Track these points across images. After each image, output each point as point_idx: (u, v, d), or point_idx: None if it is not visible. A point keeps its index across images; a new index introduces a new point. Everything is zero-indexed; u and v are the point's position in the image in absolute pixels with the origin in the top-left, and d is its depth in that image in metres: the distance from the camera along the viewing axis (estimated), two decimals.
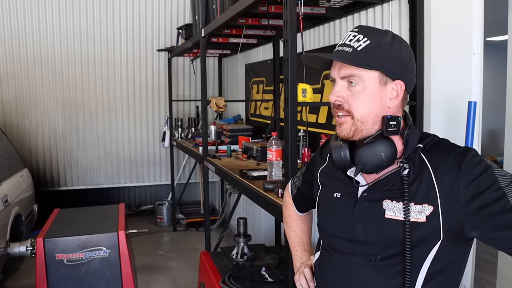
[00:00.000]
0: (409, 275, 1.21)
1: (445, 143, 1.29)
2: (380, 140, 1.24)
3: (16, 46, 6.02)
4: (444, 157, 1.22)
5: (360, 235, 1.30)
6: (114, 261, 3.72)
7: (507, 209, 1.08)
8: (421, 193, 1.21)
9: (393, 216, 1.24)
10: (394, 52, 1.26)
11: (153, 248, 5.54)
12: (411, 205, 1.21)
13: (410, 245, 1.20)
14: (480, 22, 2.29)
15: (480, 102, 2.30)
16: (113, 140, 6.57)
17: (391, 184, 1.27)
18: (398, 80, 1.27)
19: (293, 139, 2.04)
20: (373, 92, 1.25)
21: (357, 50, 1.24)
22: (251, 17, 3.39)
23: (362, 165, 1.26)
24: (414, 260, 1.21)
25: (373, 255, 1.27)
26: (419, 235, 1.20)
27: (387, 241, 1.25)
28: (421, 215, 1.20)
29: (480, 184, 1.14)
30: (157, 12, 6.40)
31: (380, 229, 1.26)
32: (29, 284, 4.41)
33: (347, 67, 1.26)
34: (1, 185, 4.31)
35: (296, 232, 1.73)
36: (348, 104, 1.26)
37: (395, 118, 1.25)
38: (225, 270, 2.90)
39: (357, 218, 1.31)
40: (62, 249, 3.63)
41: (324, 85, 3.32)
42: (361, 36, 1.26)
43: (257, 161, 3.50)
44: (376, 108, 1.26)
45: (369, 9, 2.81)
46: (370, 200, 1.30)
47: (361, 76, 1.24)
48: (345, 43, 1.28)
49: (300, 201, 1.70)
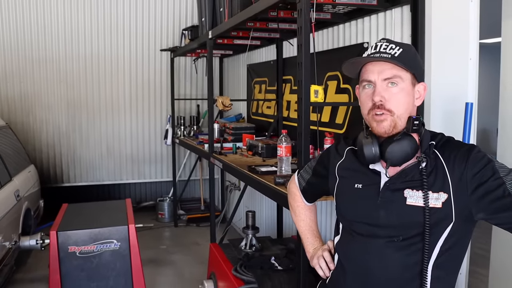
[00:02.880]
0: (428, 252, 1.43)
1: (455, 141, 1.53)
2: (406, 137, 1.46)
3: (22, 45, 6.15)
4: (455, 153, 1.45)
5: (383, 220, 1.51)
6: (124, 253, 3.88)
7: (506, 195, 1.32)
8: (437, 183, 1.44)
9: (414, 203, 1.46)
10: (417, 60, 1.52)
11: (156, 242, 5.70)
12: (429, 193, 1.43)
13: (430, 227, 1.42)
14: (476, 29, 2.49)
15: (476, 103, 2.50)
16: (116, 137, 6.72)
17: (411, 176, 1.48)
18: (422, 82, 1.52)
19: (306, 136, 2.20)
20: (408, 91, 1.48)
21: (395, 56, 1.46)
22: (259, 21, 3.55)
23: (391, 159, 1.46)
24: (432, 239, 1.43)
25: (395, 237, 1.49)
26: (436, 219, 1.43)
27: (409, 224, 1.47)
28: (438, 202, 1.43)
29: (484, 175, 1.37)
30: (160, 12, 6.54)
31: (402, 214, 1.48)
32: (38, 277, 4.55)
33: (391, 69, 1.46)
34: (13, 180, 4.45)
35: (305, 221, 1.94)
36: (389, 103, 1.46)
37: (418, 118, 1.48)
38: (235, 260, 3.06)
39: (380, 205, 1.52)
40: (75, 242, 3.78)
41: (328, 85, 3.50)
42: (393, 45, 1.48)
43: (263, 157, 3.66)
44: (409, 106, 1.49)
45: (372, 15, 2.99)
46: (392, 190, 1.51)
47: (402, 76, 1.46)
48: (381, 51, 1.48)
49: (309, 193, 1.90)
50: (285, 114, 4.48)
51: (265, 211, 5.07)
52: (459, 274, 2.59)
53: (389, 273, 1.50)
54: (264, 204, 5.10)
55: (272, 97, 4.80)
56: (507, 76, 2.64)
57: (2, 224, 3.69)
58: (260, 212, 5.10)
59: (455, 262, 1.52)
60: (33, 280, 4.50)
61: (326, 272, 1.77)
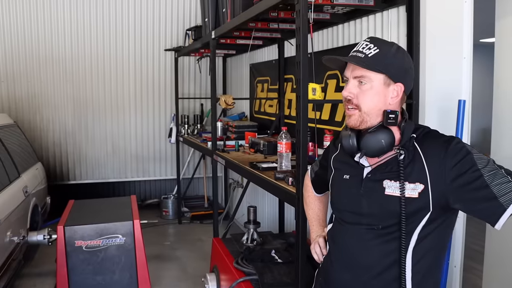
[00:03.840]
0: (404, 240, 1.51)
1: (434, 133, 1.59)
2: (381, 129, 1.55)
3: (29, 46, 6.27)
4: (433, 145, 1.52)
5: (365, 209, 1.60)
6: (129, 248, 3.98)
7: (483, 187, 1.39)
8: (415, 174, 1.51)
9: (391, 193, 1.53)
10: (397, 60, 1.56)
11: (160, 239, 5.80)
12: (406, 184, 1.51)
13: (406, 216, 1.50)
14: (469, 29, 2.57)
15: (469, 101, 2.59)
16: (121, 136, 6.83)
17: (390, 167, 1.57)
18: (399, 83, 1.57)
19: (305, 132, 2.28)
20: (378, 91, 1.55)
21: (368, 56, 1.54)
22: (260, 21, 3.65)
23: (366, 149, 1.56)
24: (408, 228, 1.51)
25: (375, 225, 1.58)
26: (413, 208, 1.50)
27: (387, 213, 1.55)
28: (414, 192, 1.49)
29: (462, 166, 1.43)
30: (164, 13, 6.64)
31: (381, 204, 1.56)
32: (45, 271, 4.65)
33: (359, 69, 1.56)
34: (21, 177, 4.56)
35: (313, 210, 2.05)
36: (357, 99, 1.57)
37: (393, 112, 1.55)
38: (237, 253, 3.15)
39: (363, 195, 1.61)
40: (81, 236, 3.88)
41: (328, 84, 3.59)
42: (372, 45, 1.56)
43: (264, 154, 3.76)
44: (379, 104, 1.56)
45: (370, 16, 3.08)
46: (373, 180, 1.60)
47: (370, 77, 1.55)
48: (359, 50, 1.58)
49: (317, 184, 2.01)
50: (287, 113, 4.57)
51: (267, 208, 5.16)
52: (454, 268, 2.71)
53: (370, 260, 1.59)
54: (266, 201, 5.19)
55: (274, 96, 4.89)
56: (501, 75, 2.73)
57: (11, 219, 3.79)
58: (263, 208, 5.19)
59: (435, 251, 1.58)
60: (40, 274, 4.62)
61: (320, 257, 1.88)
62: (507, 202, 1.35)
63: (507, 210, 1.36)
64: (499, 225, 1.38)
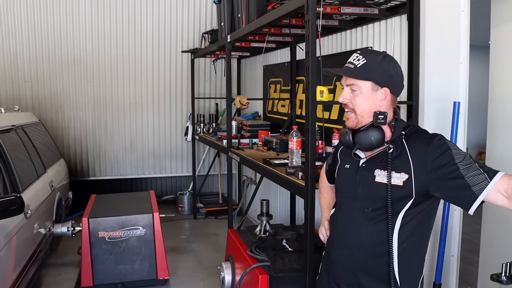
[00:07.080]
0: (391, 221, 1.77)
1: (420, 131, 1.85)
2: (371, 128, 1.82)
3: (52, 47, 6.57)
4: (418, 140, 1.78)
5: (359, 193, 1.88)
6: (149, 239, 4.24)
7: (459, 178, 1.63)
8: (400, 165, 1.77)
9: (380, 180, 1.81)
10: (382, 68, 1.82)
11: (176, 233, 6.05)
12: (392, 173, 1.78)
13: (392, 200, 1.76)
14: (466, 36, 2.77)
15: (465, 102, 2.79)
16: (139, 134, 7.10)
17: (381, 159, 1.84)
18: (385, 87, 1.82)
19: (313, 131, 2.50)
20: (367, 96, 1.82)
21: (357, 67, 1.82)
22: (273, 27, 3.88)
23: (359, 144, 1.84)
24: (394, 211, 1.77)
25: (366, 208, 1.85)
26: (397, 194, 1.76)
27: (376, 197, 1.82)
28: (399, 180, 1.76)
29: (442, 160, 1.68)
30: (181, 17, 6.91)
31: (372, 189, 1.83)
32: (69, 261, 4.94)
33: (350, 79, 1.84)
34: (47, 172, 4.83)
35: (326, 198, 2.33)
36: (352, 104, 1.85)
37: (382, 113, 1.81)
38: (250, 243, 3.37)
39: (358, 182, 1.89)
40: (104, 228, 4.15)
41: (336, 86, 3.80)
42: (361, 57, 1.83)
43: (277, 152, 3.98)
44: (370, 107, 1.82)
45: (375, 23, 3.31)
46: (367, 169, 1.87)
47: (358, 85, 1.82)
48: (350, 61, 1.85)
49: (330, 174, 2.26)
50: (298, 112, 4.80)
51: (279, 202, 5.39)
52: (451, 257, 2.91)
53: (362, 239, 1.86)
54: (278, 197, 5.42)
55: (286, 96, 5.12)
56: (495, 78, 2.92)
57: (39, 211, 4.04)
58: (274, 204, 5.42)
59: (419, 233, 1.83)
60: (64, 264, 4.89)
61: (325, 237, 2.16)
62: (478, 191, 1.60)
63: (478, 198, 1.60)
64: (471, 211, 1.63)
